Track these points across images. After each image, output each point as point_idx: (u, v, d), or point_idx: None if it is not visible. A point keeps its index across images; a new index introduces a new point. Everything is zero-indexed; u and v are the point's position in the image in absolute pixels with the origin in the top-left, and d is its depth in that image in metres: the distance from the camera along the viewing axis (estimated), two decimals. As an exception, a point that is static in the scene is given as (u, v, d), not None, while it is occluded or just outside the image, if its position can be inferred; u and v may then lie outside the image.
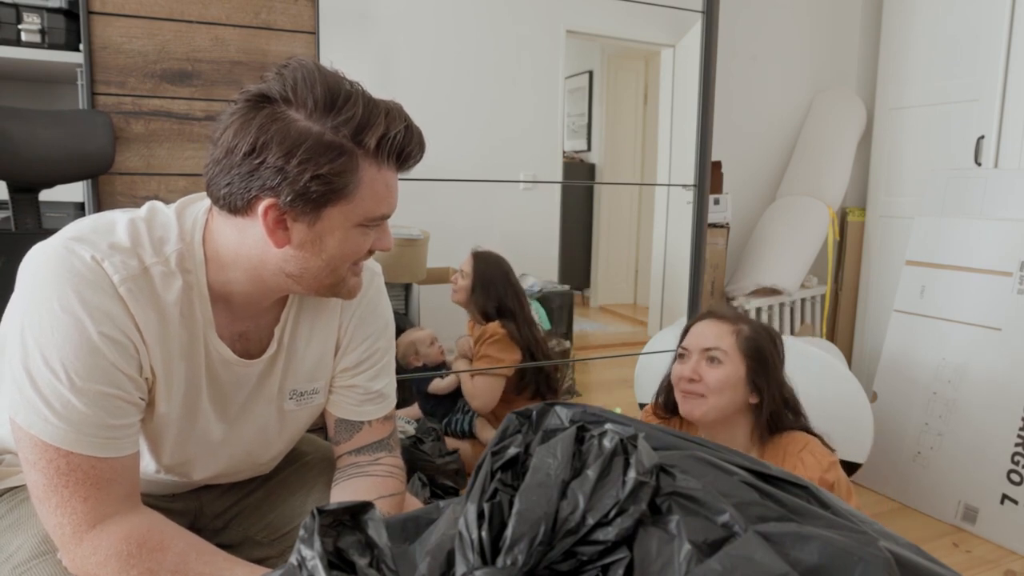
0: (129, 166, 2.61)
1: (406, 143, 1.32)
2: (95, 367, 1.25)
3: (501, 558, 0.75)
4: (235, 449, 1.60)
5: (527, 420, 0.95)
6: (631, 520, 0.78)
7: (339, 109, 1.25)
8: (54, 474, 1.25)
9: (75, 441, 1.24)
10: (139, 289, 1.29)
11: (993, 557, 3.08)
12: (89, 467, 1.27)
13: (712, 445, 0.99)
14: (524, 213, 5.06)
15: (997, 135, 3.68)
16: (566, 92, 7.35)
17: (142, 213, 1.38)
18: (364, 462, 1.68)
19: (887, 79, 4.45)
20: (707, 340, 2.25)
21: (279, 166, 1.23)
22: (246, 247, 1.35)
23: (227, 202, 1.30)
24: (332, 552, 0.82)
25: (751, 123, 4.74)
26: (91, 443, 1.26)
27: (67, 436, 1.24)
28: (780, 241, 4.49)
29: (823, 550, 0.74)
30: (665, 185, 5.84)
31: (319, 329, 1.60)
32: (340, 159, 1.25)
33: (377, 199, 1.34)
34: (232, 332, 1.47)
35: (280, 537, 1.73)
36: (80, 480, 1.26)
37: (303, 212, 1.29)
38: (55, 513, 1.26)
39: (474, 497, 0.81)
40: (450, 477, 3.12)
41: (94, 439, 1.26)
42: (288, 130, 1.23)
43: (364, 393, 1.67)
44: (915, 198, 4.17)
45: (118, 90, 2.57)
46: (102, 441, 1.27)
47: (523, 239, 4.76)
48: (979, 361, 3.31)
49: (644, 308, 6.96)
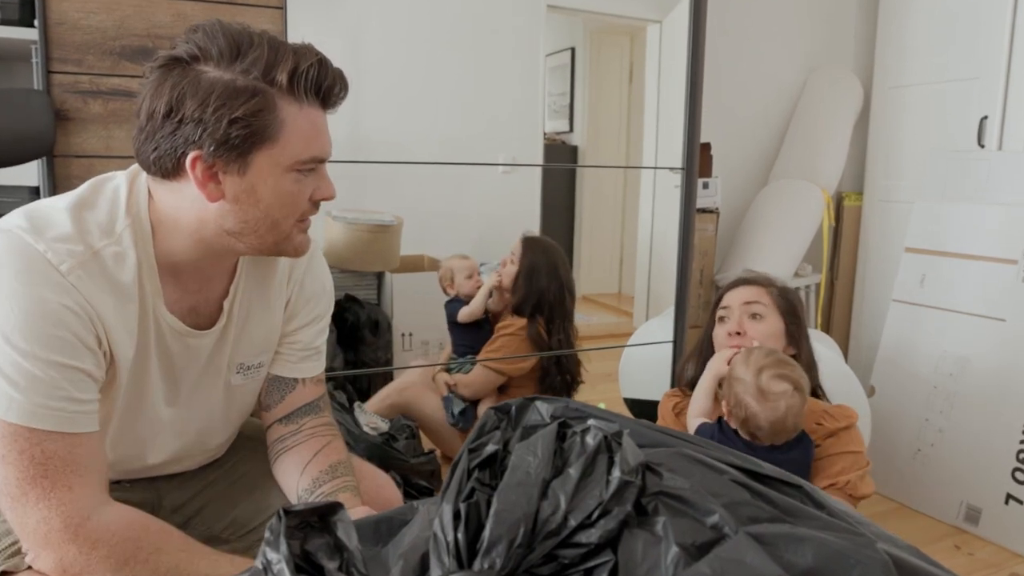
0: (87, 148, 2.59)
1: (322, 76, 1.39)
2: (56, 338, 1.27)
3: (478, 561, 0.75)
4: (185, 427, 1.65)
5: (506, 416, 0.95)
6: (615, 521, 0.78)
7: (244, 54, 1.32)
8: (28, 464, 1.26)
9: (43, 416, 1.26)
10: (89, 275, 1.32)
11: (997, 560, 3.07)
12: (65, 452, 1.29)
13: (701, 442, 0.99)
14: (503, 198, 5.04)
15: (1001, 115, 3.68)
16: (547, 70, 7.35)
17: (84, 193, 1.42)
18: (288, 433, 1.74)
19: (885, 56, 4.46)
20: (747, 295, 2.44)
21: (197, 117, 1.29)
22: (183, 209, 1.40)
23: (158, 167, 1.36)
24: (299, 555, 0.82)
25: (742, 103, 4.74)
26: (58, 417, 1.28)
27: (35, 411, 1.26)
28: (773, 227, 4.49)
29: (818, 553, 0.75)
30: (651, 168, 5.85)
31: (267, 300, 1.66)
32: (254, 99, 1.31)
33: (305, 140, 1.39)
34: (182, 307, 1.52)
35: (246, 534, 1.77)
36: (60, 468, 1.28)
37: (230, 161, 1.34)
38: (36, 508, 1.27)
39: (450, 497, 0.81)
40: (425, 477, 3.12)
41: (61, 413, 1.28)
42: (199, 82, 1.30)
43: (304, 348, 1.75)
44: (915, 181, 4.17)
45: (75, 68, 2.55)
46: (69, 416, 1.29)
47: (502, 225, 4.74)
48: (982, 353, 3.32)
49: (629, 298, 6.96)
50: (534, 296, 3.49)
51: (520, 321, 3.48)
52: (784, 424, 2.06)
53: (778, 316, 2.41)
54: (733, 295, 2.47)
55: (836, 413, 2.28)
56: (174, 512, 1.75)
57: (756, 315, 2.39)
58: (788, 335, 2.41)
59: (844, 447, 2.21)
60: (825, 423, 2.25)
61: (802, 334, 2.45)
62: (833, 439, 2.22)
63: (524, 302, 3.50)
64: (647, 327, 4.11)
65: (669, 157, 5.16)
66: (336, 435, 1.78)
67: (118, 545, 1.31)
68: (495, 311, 3.68)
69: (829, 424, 2.24)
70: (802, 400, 2.10)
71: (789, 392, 2.06)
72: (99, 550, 1.29)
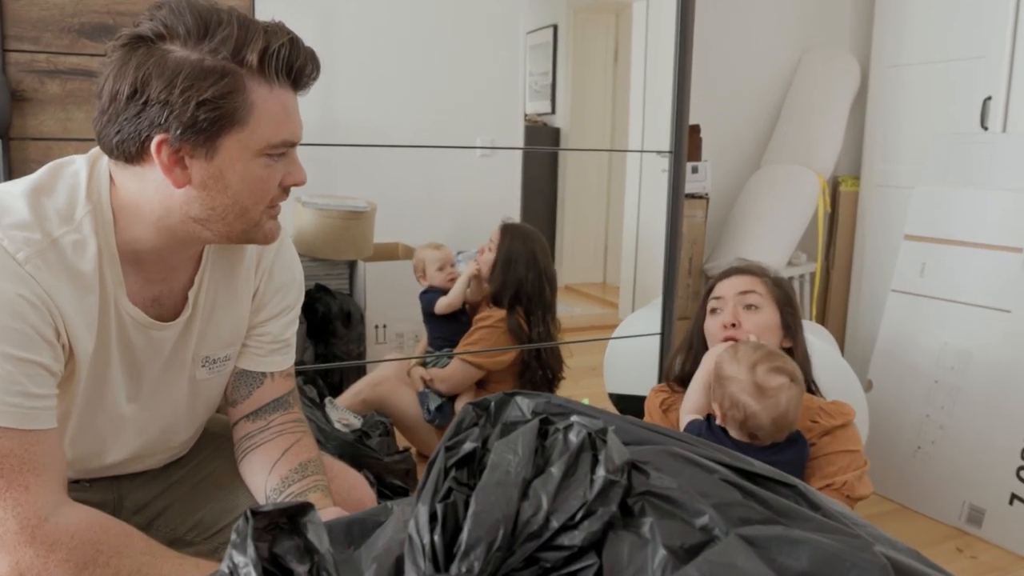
0: (44, 131, 2.58)
1: (294, 57, 1.38)
2: (12, 330, 1.27)
3: (455, 565, 0.75)
4: (148, 424, 1.65)
5: (484, 412, 0.95)
6: (600, 523, 0.78)
7: (213, 32, 1.31)
8: None
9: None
10: (47, 264, 1.32)
11: (1001, 564, 3.08)
12: (22, 450, 1.29)
13: (690, 439, 0.99)
14: (482, 183, 5.04)
15: (1005, 96, 3.69)
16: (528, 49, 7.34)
17: (42, 178, 1.41)
18: (255, 431, 1.74)
19: (883, 34, 4.47)
20: (741, 285, 2.42)
21: (163, 99, 1.29)
22: (147, 195, 1.40)
23: (121, 151, 1.35)
24: (267, 559, 0.82)
25: (733, 83, 4.74)
26: (14, 413, 1.28)
27: None
28: (765, 214, 4.50)
29: (813, 556, 0.75)
30: (638, 151, 5.85)
31: (234, 290, 1.66)
32: (223, 81, 1.31)
33: (275, 123, 1.39)
34: (144, 297, 1.52)
35: (212, 536, 1.78)
36: (15, 467, 1.28)
37: (198, 145, 1.34)
38: None
39: (426, 497, 0.81)
40: (399, 476, 3.11)
41: (17, 409, 1.28)
42: (165, 62, 1.29)
43: (273, 341, 1.75)
44: (914, 166, 4.19)
45: (32, 46, 2.54)
46: (26, 412, 1.29)
47: (480, 211, 4.73)
48: (985, 346, 3.33)
49: (614, 288, 6.97)
50: (512, 286, 3.49)
51: (499, 312, 3.48)
52: (786, 419, 2.05)
53: (774, 307, 2.39)
54: (726, 285, 2.45)
55: (832, 410, 2.26)
56: (136, 513, 1.75)
57: (751, 306, 2.37)
58: (784, 327, 2.39)
59: (841, 446, 2.20)
60: (821, 421, 2.24)
61: (798, 326, 2.43)
62: (829, 437, 2.21)
63: (502, 292, 3.50)
64: (633, 319, 4.12)
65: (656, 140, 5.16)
66: (306, 432, 1.77)
67: (77, 548, 1.31)
68: (473, 302, 3.68)
69: (825, 422, 2.23)
70: (800, 391, 2.09)
71: (787, 384, 2.04)
72: (57, 553, 1.29)
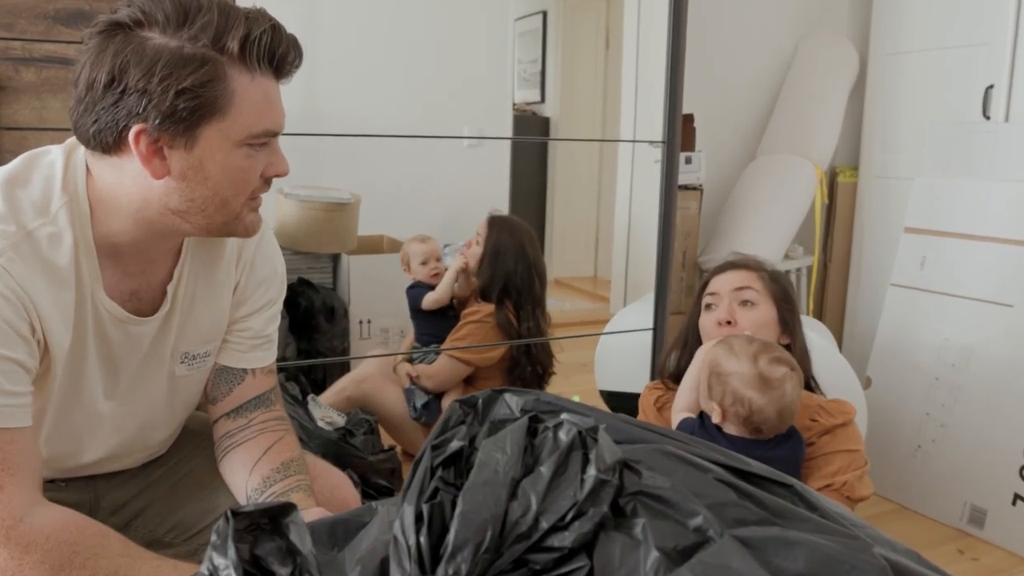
0: (19, 120, 2.58)
1: (276, 44, 1.38)
2: None
3: (442, 567, 0.75)
4: (126, 422, 1.65)
5: (472, 409, 0.96)
6: (591, 524, 0.78)
7: (192, 19, 1.31)
8: None
9: None
10: (21, 257, 1.32)
11: (1004, 566, 3.09)
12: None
13: (684, 438, 1.00)
14: (469, 174, 5.03)
15: (1008, 84, 3.68)
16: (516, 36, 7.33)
17: (16, 169, 1.42)
18: (236, 429, 1.74)
19: (883, 21, 4.47)
20: (737, 281, 2.41)
21: (141, 88, 1.28)
22: (125, 187, 1.40)
23: (98, 141, 1.35)
24: (248, 560, 0.82)
25: (728, 71, 4.73)
26: None
27: None
28: (761, 205, 4.49)
29: (810, 557, 0.75)
30: (630, 142, 5.84)
31: (214, 284, 1.66)
32: (203, 69, 1.31)
33: (257, 112, 1.39)
34: (122, 292, 1.52)
35: (191, 537, 1.77)
36: None
37: (177, 135, 1.34)
38: None
39: (411, 497, 0.81)
40: (384, 476, 3.11)
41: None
42: (144, 50, 1.29)
43: (254, 336, 1.75)
44: (914, 156, 4.17)
45: (6, 33, 2.53)
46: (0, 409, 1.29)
47: (468, 203, 4.73)
48: (988, 342, 3.33)
49: (606, 282, 6.95)
50: (500, 280, 3.49)
51: (488, 307, 3.48)
52: (791, 409, 2.05)
53: (771, 303, 2.39)
54: (721, 280, 2.44)
55: (832, 408, 2.26)
56: (114, 514, 1.75)
57: (747, 302, 2.36)
58: (781, 323, 2.39)
59: (841, 445, 2.19)
60: (820, 419, 2.23)
61: (796, 321, 2.43)
62: (829, 436, 2.20)
63: (490, 286, 3.50)
64: (625, 313, 4.12)
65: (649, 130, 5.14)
66: (288, 430, 1.77)
67: (53, 549, 1.31)
68: (461, 296, 3.68)
69: (825, 420, 2.22)
70: (800, 379, 2.09)
71: (789, 374, 2.04)
72: (32, 554, 1.29)
